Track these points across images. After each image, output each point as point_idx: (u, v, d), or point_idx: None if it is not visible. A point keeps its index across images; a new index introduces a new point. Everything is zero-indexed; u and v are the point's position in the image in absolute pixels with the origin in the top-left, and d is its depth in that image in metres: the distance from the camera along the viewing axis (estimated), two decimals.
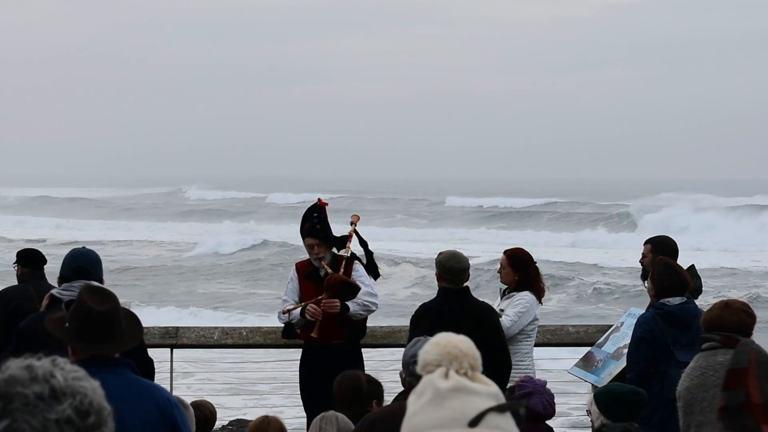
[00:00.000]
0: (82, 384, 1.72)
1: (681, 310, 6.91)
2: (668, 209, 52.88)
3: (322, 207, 7.91)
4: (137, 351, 5.65)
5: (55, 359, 1.74)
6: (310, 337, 7.74)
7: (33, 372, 1.69)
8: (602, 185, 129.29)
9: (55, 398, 1.68)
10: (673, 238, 8.04)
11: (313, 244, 7.77)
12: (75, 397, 1.70)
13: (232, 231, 48.00)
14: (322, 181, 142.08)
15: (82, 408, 1.70)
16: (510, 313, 7.54)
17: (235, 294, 28.89)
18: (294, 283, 7.93)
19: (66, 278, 5.58)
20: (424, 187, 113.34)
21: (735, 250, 40.05)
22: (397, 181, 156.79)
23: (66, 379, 1.70)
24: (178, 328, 8.84)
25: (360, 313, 7.73)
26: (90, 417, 1.70)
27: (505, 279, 7.75)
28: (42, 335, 5.41)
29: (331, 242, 7.84)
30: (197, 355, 16.13)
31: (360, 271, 7.85)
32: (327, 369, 7.34)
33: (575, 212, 60.09)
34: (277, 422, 5.67)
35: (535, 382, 5.66)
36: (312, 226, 7.80)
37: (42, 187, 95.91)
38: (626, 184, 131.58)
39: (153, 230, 52.53)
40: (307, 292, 7.80)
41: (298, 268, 7.99)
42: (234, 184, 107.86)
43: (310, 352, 7.86)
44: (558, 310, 25.13)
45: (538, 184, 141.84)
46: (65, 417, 1.67)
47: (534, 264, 7.82)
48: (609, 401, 5.66)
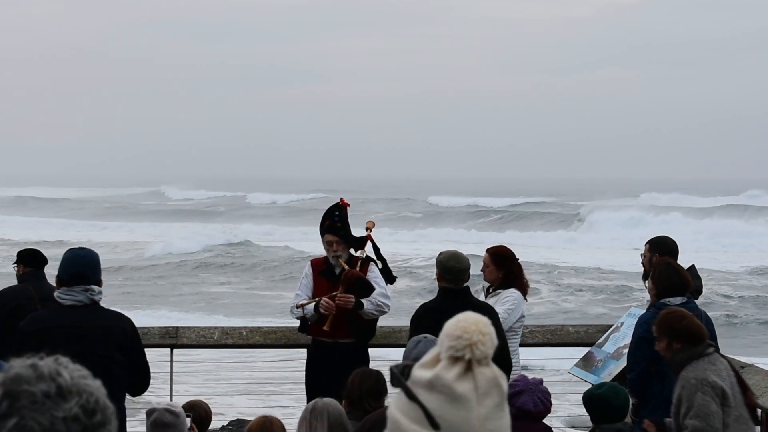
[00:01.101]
0: (88, 382, 1.73)
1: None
2: (607, 211, 55.44)
3: (343, 207, 8.00)
4: (135, 356, 5.67)
5: (58, 358, 1.75)
6: (319, 333, 7.77)
7: (38, 370, 1.69)
8: (586, 185, 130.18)
9: (62, 396, 1.68)
10: (673, 238, 8.02)
11: (333, 241, 7.86)
12: (81, 395, 1.70)
13: (191, 231, 48.60)
14: (308, 181, 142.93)
15: (88, 406, 1.70)
16: (499, 311, 7.54)
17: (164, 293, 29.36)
18: (308, 279, 7.99)
19: (64, 281, 5.56)
20: (420, 187, 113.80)
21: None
22: (395, 180, 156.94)
23: (72, 378, 1.71)
24: (178, 328, 8.84)
25: (372, 313, 7.75)
26: (96, 415, 1.70)
27: (489, 277, 7.75)
28: (43, 334, 5.43)
29: (349, 242, 7.92)
30: (197, 355, 16.13)
31: (375, 272, 7.91)
32: (333, 367, 7.35)
33: (532, 212, 61.95)
34: (277, 422, 5.66)
35: (527, 380, 5.67)
36: (332, 224, 7.89)
37: (22, 187, 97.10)
38: (615, 184, 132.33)
39: (116, 230, 53.64)
40: (320, 288, 7.84)
41: (313, 265, 8.06)
42: (219, 184, 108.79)
43: (317, 350, 7.90)
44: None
45: (531, 183, 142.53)
46: (72, 415, 1.67)
47: (517, 261, 7.81)
48: (586, 404, 5.71)
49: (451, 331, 1.89)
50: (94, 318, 5.49)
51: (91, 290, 5.51)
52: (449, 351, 1.88)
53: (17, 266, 7.94)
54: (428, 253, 33.51)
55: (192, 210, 71.74)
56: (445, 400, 1.87)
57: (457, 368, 1.88)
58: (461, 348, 1.87)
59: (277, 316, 23.57)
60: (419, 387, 1.89)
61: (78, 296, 5.49)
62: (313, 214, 64.45)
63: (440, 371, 1.88)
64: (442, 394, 1.87)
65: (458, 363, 1.88)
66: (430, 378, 1.88)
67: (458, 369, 1.88)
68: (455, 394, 1.86)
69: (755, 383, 7.01)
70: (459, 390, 1.86)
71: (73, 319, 5.46)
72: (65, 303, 5.48)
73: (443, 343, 1.90)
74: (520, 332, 7.80)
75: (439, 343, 1.92)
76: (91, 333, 5.46)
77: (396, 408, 1.92)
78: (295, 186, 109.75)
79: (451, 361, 1.88)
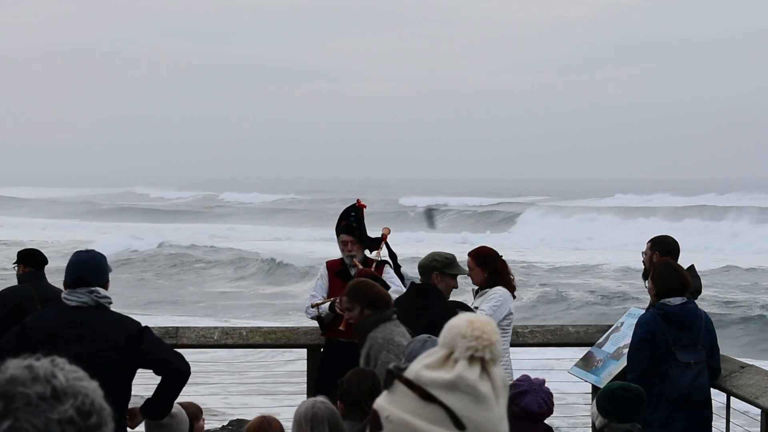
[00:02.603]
0: (83, 384, 1.72)
1: (682, 310, 6.91)
2: (533, 211, 58.53)
3: (360, 208, 8.07)
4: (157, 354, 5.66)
5: (55, 359, 1.74)
6: (335, 334, 7.76)
7: (34, 372, 1.69)
8: (570, 184, 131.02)
9: (57, 398, 1.67)
10: (674, 237, 8.01)
11: (348, 241, 7.94)
12: (77, 397, 1.69)
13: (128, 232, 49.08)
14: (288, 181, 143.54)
15: (83, 408, 1.69)
16: (485, 308, 7.54)
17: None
18: (323, 280, 8.04)
19: (68, 284, 5.65)
20: (418, 187, 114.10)
21: (555, 247, 43.50)
22: (394, 180, 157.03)
23: (67, 379, 1.70)
24: (178, 328, 8.84)
25: None
26: (92, 417, 1.70)
27: (476, 279, 7.76)
28: (47, 332, 5.46)
29: (364, 243, 7.99)
30: (197, 355, 16.09)
31: (390, 273, 7.95)
32: (348, 367, 7.36)
33: (469, 211, 64.16)
34: (275, 423, 5.66)
35: (531, 380, 5.66)
36: (348, 224, 7.96)
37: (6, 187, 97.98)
38: (601, 183, 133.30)
39: (59, 230, 54.25)
40: (335, 289, 7.85)
41: (328, 266, 8.11)
42: (194, 184, 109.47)
43: (331, 350, 7.91)
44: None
45: (528, 183, 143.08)
46: (67, 417, 1.67)
47: (500, 258, 7.81)
48: (602, 400, 5.67)
49: (468, 332, 1.89)
50: (98, 319, 5.53)
51: (96, 292, 5.56)
52: (468, 351, 1.88)
53: (17, 266, 7.94)
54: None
55: (154, 210, 72.59)
56: (470, 401, 1.86)
57: (477, 368, 1.88)
58: (482, 348, 1.88)
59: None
60: (436, 388, 1.87)
61: (83, 297, 5.55)
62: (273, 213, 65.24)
63: (463, 372, 1.87)
64: (466, 394, 1.86)
65: (476, 363, 1.88)
66: (452, 379, 1.87)
67: (478, 369, 1.88)
68: (480, 395, 1.86)
69: (755, 383, 7.01)
70: (483, 390, 1.87)
71: (77, 319, 5.50)
72: (71, 304, 5.55)
73: (458, 343, 1.89)
74: (510, 330, 7.76)
75: (449, 343, 1.90)
76: (95, 334, 5.48)
77: (404, 411, 1.89)
78: (278, 187, 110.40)
79: (470, 362, 1.88)
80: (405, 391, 1.90)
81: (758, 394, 6.85)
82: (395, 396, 1.91)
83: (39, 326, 5.52)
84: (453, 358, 1.89)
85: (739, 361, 7.53)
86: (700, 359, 6.93)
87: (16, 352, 1.80)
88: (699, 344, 6.95)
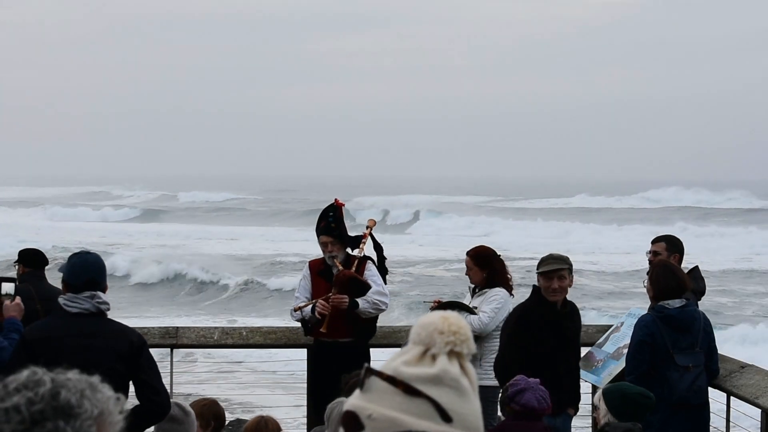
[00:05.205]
0: (50, 378, 1.73)
1: (681, 313, 6.90)
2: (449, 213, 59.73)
3: (338, 207, 7.99)
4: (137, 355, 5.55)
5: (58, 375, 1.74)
6: (319, 334, 7.80)
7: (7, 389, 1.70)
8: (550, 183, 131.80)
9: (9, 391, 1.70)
10: (679, 237, 8.08)
11: (327, 242, 7.86)
12: (31, 388, 1.70)
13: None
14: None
15: (35, 398, 1.69)
16: (486, 310, 7.55)
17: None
18: (306, 281, 8.01)
19: (73, 286, 5.40)
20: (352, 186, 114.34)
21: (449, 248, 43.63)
22: (389, 178, 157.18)
23: (35, 373, 1.72)
24: (178, 328, 8.84)
25: (369, 311, 7.77)
26: (37, 405, 1.70)
27: (474, 279, 7.79)
28: (47, 343, 5.32)
29: (345, 241, 7.92)
30: (197, 355, 16.13)
31: (372, 270, 7.92)
32: (334, 367, 7.35)
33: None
34: (273, 422, 5.66)
35: (527, 379, 5.69)
36: (327, 225, 7.89)
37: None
38: (587, 182, 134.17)
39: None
40: (319, 289, 7.86)
41: (311, 266, 8.08)
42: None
43: (318, 350, 7.93)
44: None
45: (525, 181, 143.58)
46: (13, 405, 1.68)
47: (498, 257, 7.82)
48: (618, 400, 5.65)
49: (445, 328, 1.90)
50: (99, 328, 5.36)
51: (98, 297, 5.36)
52: (448, 346, 1.89)
53: (17, 266, 7.94)
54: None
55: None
56: (455, 394, 1.88)
57: (456, 363, 1.90)
58: (460, 343, 1.90)
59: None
60: (420, 383, 1.87)
61: (84, 304, 5.35)
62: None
63: (446, 366, 1.88)
64: (451, 388, 1.88)
65: (454, 358, 1.90)
66: (437, 373, 1.88)
67: (457, 364, 1.90)
68: (462, 388, 1.89)
69: (755, 383, 7.01)
70: (464, 384, 1.90)
71: (78, 328, 5.32)
72: (71, 311, 5.34)
73: (436, 339, 1.90)
74: None
75: (425, 339, 1.91)
76: (96, 344, 5.33)
77: (387, 408, 1.88)
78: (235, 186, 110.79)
79: (449, 357, 1.90)
80: (385, 388, 1.89)
81: (758, 394, 6.86)
82: (373, 394, 1.90)
83: (39, 337, 5.34)
84: (430, 354, 1.90)
85: (739, 362, 7.53)
86: (698, 362, 6.93)
87: (21, 367, 1.78)
88: (697, 347, 6.94)
